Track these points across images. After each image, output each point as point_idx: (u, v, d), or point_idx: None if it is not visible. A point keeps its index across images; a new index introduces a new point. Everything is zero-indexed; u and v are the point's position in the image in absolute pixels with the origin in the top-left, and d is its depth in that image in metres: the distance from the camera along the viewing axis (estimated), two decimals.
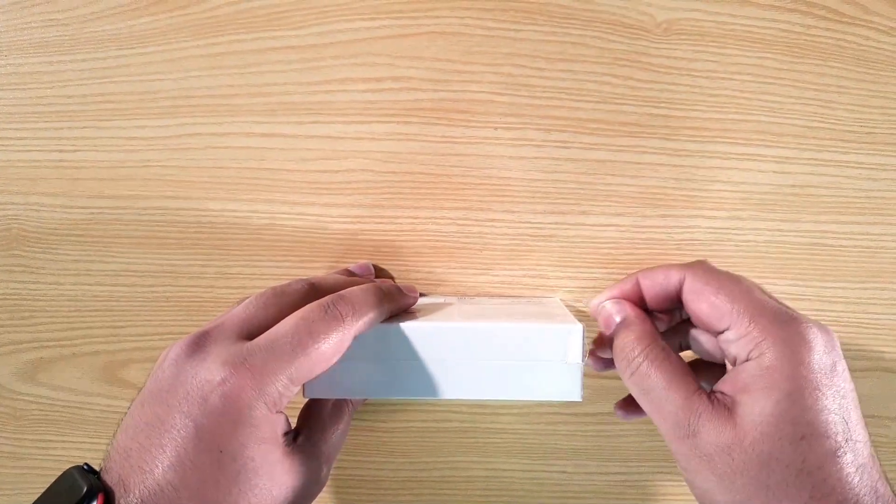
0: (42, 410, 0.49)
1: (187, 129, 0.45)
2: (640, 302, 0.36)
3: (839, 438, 0.27)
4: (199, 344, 0.31)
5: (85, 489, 0.28)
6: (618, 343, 0.33)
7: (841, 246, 0.47)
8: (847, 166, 0.46)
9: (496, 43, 0.44)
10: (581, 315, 0.46)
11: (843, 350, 0.48)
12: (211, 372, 0.29)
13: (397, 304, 0.37)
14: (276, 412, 0.30)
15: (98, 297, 0.48)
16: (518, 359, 0.34)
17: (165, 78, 0.45)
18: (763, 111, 0.46)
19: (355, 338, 0.33)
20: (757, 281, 0.47)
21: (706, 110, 0.45)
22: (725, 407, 0.29)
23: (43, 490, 0.30)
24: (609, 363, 0.38)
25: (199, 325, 0.47)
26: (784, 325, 0.29)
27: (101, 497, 0.28)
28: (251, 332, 0.32)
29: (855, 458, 0.27)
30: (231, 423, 0.28)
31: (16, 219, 0.47)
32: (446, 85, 0.45)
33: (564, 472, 0.49)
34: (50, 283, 0.47)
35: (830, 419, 0.28)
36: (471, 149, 0.45)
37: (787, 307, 0.31)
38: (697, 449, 0.29)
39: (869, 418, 0.49)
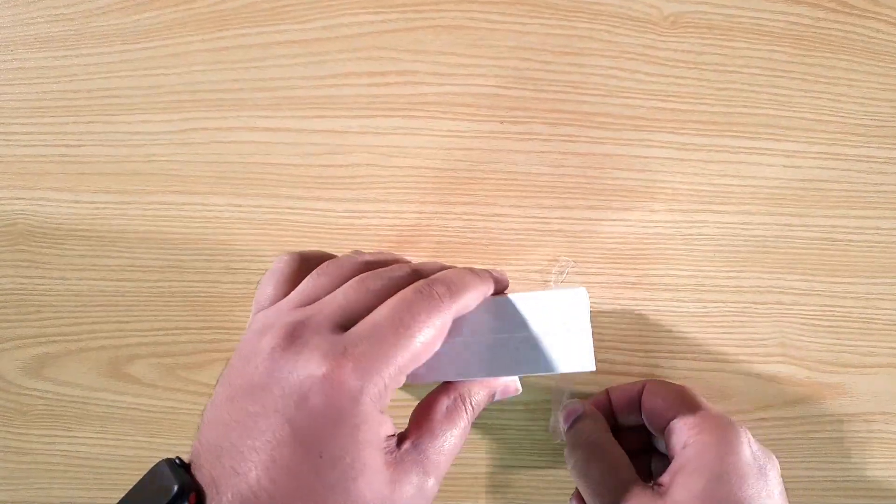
0: (48, 405, 0.49)
1: (192, 124, 0.45)
2: (608, 414, 0.39)
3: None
4: (296, 335, 0.27)
5: (176, 487, 0.26)
6: (568, 435, 0.37)
7: (851, 241, 0.47)
8: (857, 160, 0.46)
9: (502, 36, 0.44)
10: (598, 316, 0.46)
11: (853, 346, 0.48)
12: (310, 367, 0.26)
13: (493, 286, 0.34)
14: (381, 411, 0.27)
15: (104, 292, 0.48)
16: (525, 330, 0.33)
17: (170, 73, 0.45)
18: (772, 105, 0.45)
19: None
20: (766, 276, 0.47)
21: (714, 104, 0.45)
22: (658, 494, 0.31)
23: (46, 483, 0.30)
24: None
25: (204, 320, 0.47)
26: (724, 422, 0.33)
27: (192, 497, 0.26)
28: (350, 320, 0.29)
29: None
30: (332, 424, 0.26)
31: (21, 214, 0.47)
32: (451, 79, 0.45)
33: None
34: (55, 278, 0.47)
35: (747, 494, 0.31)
36: (476, 143, 0.45)
37: (724, 413, 0.36)
38: None
39: (879, 415, 0.49)
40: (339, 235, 0.46)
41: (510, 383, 0.35)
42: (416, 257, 0.46)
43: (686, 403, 0.35)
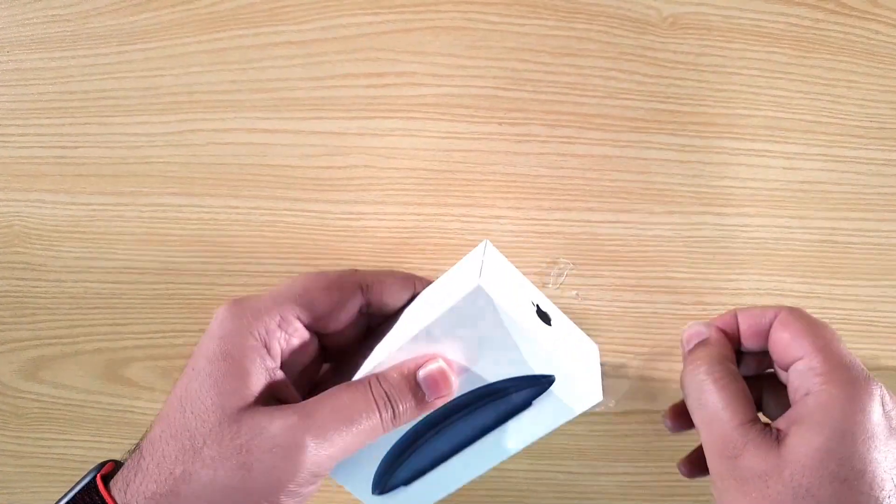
0: (44, 408, 0.49)
1: (189, 126, 0.45)
2: (734, 338, 0.35)
3: (881, 494, 0.26)
4: None
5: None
6: (689, 357, 0.34)
7: (851, 243, 0.46)
8: (857, 162, 0.46)
9: (500, 38, 0.44)
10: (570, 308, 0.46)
11: (854, 348, 0.47)
12: None
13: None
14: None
15: (100, 295, 0.47)
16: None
17: (167, 74, 0.45)
18: (771, 106, 0.45)
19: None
20: (766, 278, 0.47)
21: (713, 105, 0.45)
22: (775, 438, 0.29)
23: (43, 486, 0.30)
24: (683, 425, 0.37)
25: (201, 322, 0.47)
26: (855, 374, 0.29)
27: (109, 465, 0.31)
28: None
29: None
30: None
31: (17, 215, 0.47)
32: (450, 80, 0.44)
33: (570, 472, 0.49)
34: (51, 281, 0.47)
35: (878, 472, 0.27)
36: (475, 144, 0.45)
37: (862, 365, 0.31)
38: (735, 471, 0.29)
39: None
40: (336, 237, 0.46)
41: (437, 376, 0.32)
42: (414, 259, 0.46)
43: (818, 345, 0.30)
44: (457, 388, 0.32)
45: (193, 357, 0.31)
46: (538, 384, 0.32)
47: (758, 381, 0.37)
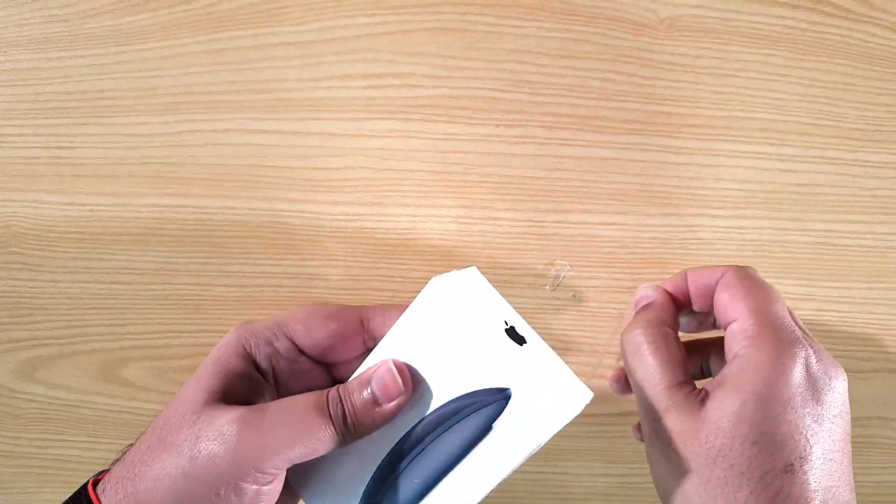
0: (40, 409, 0.49)
1: (187, 126, 0.45)
2: (685, 299, 0.35)
3: (793, 455, 0.26)
4: None
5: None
6: (633, 322, 0.33)
7: (847, 245, 0.46)
8: (853, 164, 0.46)
9: (498, 39, 0.44)
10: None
11: (849, 350, 0.48)
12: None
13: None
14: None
15: (97, 295, 0.47)
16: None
17: (165, 74, 0.45)
18: (768, 109, 0.45)
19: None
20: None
21: (710, 107, 0.45)
22: (699, 400, 0.29)
23: (39, 486, 0.31)
24: (626, 388, 0.37)
25: (198, 323, 0.47)
26: (781, 336, 0.29)
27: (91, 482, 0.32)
28: None
29: (809, 482, 0.26)
30: None
31: (14, 216, 0.46)
32: (447, 81, 0.44)
33: (566, 473, 0.49)
34: (48, 281, 0.47)
35: (792, 434, 0.27)
36: (472, 146, 0.45)
37: (807, 334, 0.30)
38: (659, 433, 0.29)
39: (876, 419, 0.48)
40: (333, 238, 0.46)
41: (386, 377, 0.31)
42: (410, 261, 0.46)
43: (752, 306, 0.30)
44: (410, 391, 0.31)
45: None
46: (498, 398, 0.31)
47: (707, 343, 0.37)
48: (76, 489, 0.31)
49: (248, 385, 0.32)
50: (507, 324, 0.31)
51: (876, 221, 0.46)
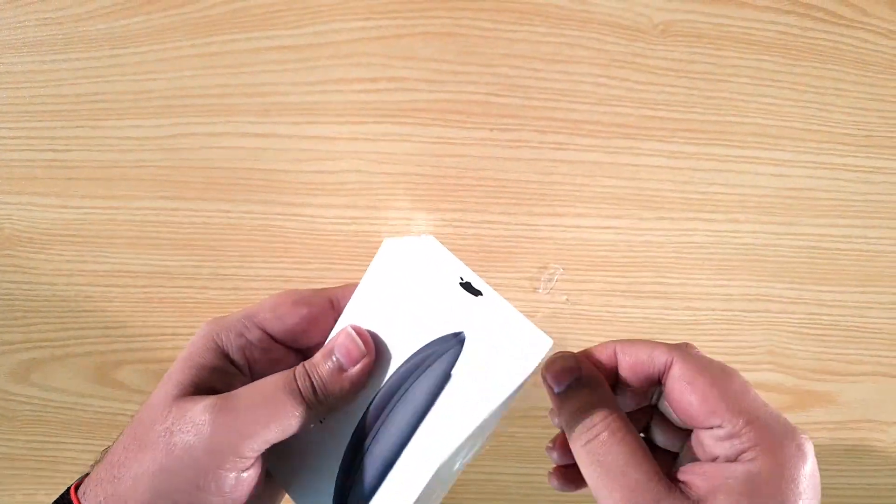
0: (35, 411, 0.49)
1: (181, 129, 0.45)
2: (609, 372, 0.32)
3: None
4: None
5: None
6: (573, 405, 0.29)
7: (839, 249, 0.47)
8: (845, 169, 0.46)
9: (492, 44, 0.44)
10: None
11: (840, 354, 0.48)
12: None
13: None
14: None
15: (91, 298, 0.47)
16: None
17: (159, 77, 0.45)
18: (761, 113, 0.45)
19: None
20: (755, 284, 0.47)
21: (703, 112, 0.45)
22: (689, 498, 0.27)
23: (34, 488, 0.31)
24: (571, 482, 0.33)
25: (192, 326, 0.47)
26: (781, 434, 0.27)
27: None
28: None
29: None
30: None
31: (8, 218, 0.46)
32: (442, 86, 0.45)
33: None
34: (43, 284, 0.47)
35: None
36: (466, 150, 0.45)
37: (780, 414, 0.29)
38: None
39: (866, 423, 0.49)
40: (327, 242, 0.46)
41: (346, 342, 0.31)
42: None
43: (734, 407, 0.28)
44: (373, 352, 0.31)
45: None
46: (452, 343, 0.29)
47: (638, 414, 0.34)
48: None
49: (220, 378, 0.31)
50: (462, 279, 0.30)
51: (868, 226, 0.46)
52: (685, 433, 0.32)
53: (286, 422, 0.29)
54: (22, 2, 0.45)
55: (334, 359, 0.31)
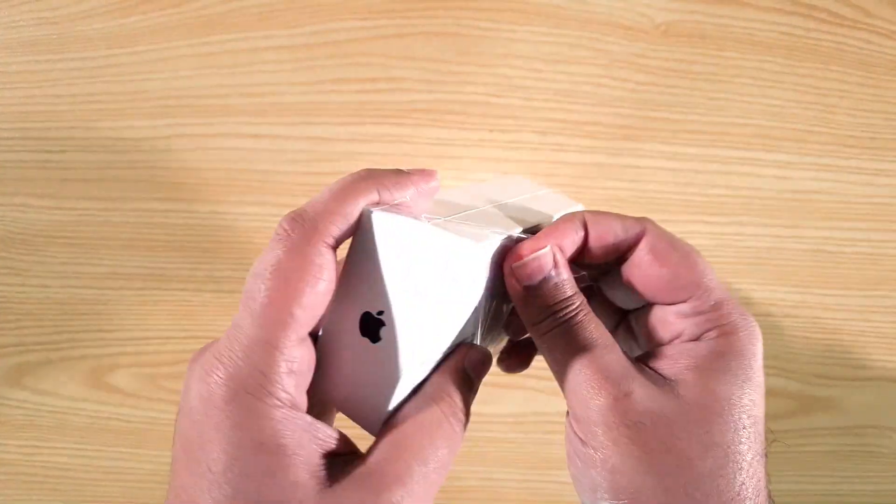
0: (27, 416, 0.48)
1: (177, 130, 0.45)
2: (575, 250, 0.29)
3: (766, 436, 0.26)
4: None
5: None
6: (546, 291, 0.27)
7: (842, 252, 0.46)
8: (848, 171, 0.45)
9: (491, 44, 0.44)
10: None
11: (844, 358, 0.47)
12: None
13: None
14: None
15: (85, 300, 0.47)
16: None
17: (155, 77, 0.44)
18: (763, 115, 0.45)
19: None
20: (758, 287, 0.47)
21: (706, 113, 0.45)
22: (663, 377, 0.26)
23: (26, 493, 0.28)
24: (516, 362, 0.33)
25: (187, 329, 0.46)
26: (739, 316, 0.27)
27: None
28: None
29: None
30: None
31: (2, 220, 0.46)
32: (441, 86, 0.44)
33: (560, 482, 0.48)
34: (36, 286, 0.47)
35: (762, 415, 0.26)
36: (466, 151, 0.45)
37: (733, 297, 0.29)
38: (626, 415, 0.25)
39: (870, 428, 0.48)
40: None
41: (474, 358, 0.27)
42: None
43: (703, 284, 0.27)
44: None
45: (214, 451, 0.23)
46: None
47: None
48: None
49: (318, 447, 0.24)
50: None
51: (872, 229, 0.46)
52: (619, 316, 0.32)
53: (454, 442, 0.26)
54: (17, 1, 0.44)
55: (471, 380, 0.27)
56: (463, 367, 0.27)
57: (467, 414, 0.26)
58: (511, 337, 0.32)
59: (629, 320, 0.32)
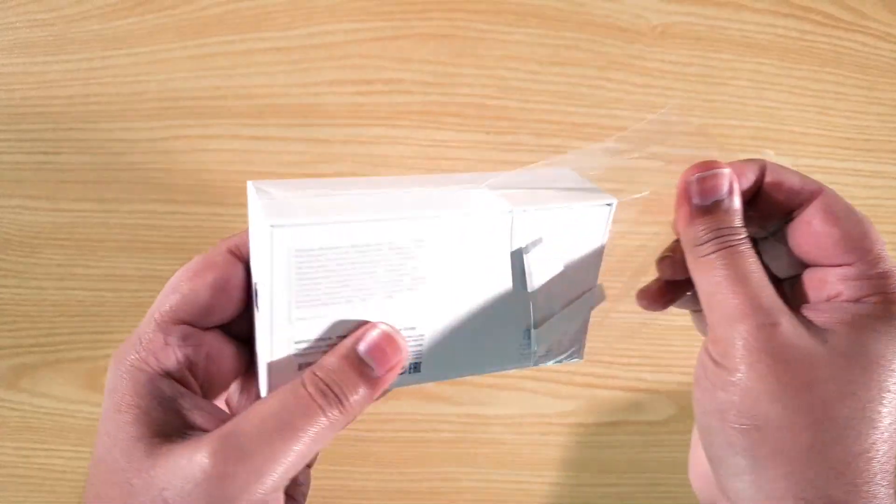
0: (23, 418, 0.48)
1: (174, 132, 0.45)
2: (750, 190, 0.30)
3: None
4: None
5: None
6: (723, 208, 0.28)
7: None
8: (844, 173, 0.46)
9: (488, 45, 0.44)
10: None
11: None
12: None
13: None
14: None
15: (82, 303, 0.47)
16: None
17: (152, 79, 0.44)
18: (759, 117, 0.45)
19: None
20: None
21: (701, 116, 0.45)
22: (814, 325, 0.26)
23: (23, 496, 0.28)
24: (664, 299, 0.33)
25: None
26: None
27: None
28: None
29: None
30: None
31: None
32: (437, 88, 0.44)
33: (555, 483, 0.48)
34: (33, 288, 0.47)
35: None
36: (462, 153, 0.45)
37: None
38: (770, 341, 0.24)
39: None
40: None
41: (374, 337, 0.26)
42: None
43: (875, 248, 0.27)
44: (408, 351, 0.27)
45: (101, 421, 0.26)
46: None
47: None
48: None
49: (177, 410, 0.26)
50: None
51: None
52: (774, 284, 0.30)
53: (315, 452, 0.25)
54: (13, 3, 0.44)
55: (368, 369, 0.26)
56: (354, 349, 0.26)
57: (342, 402, 0.25)
58: (662, 275, 0.33)
59: (783, 288, 0.31)
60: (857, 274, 0.27)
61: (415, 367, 0.29)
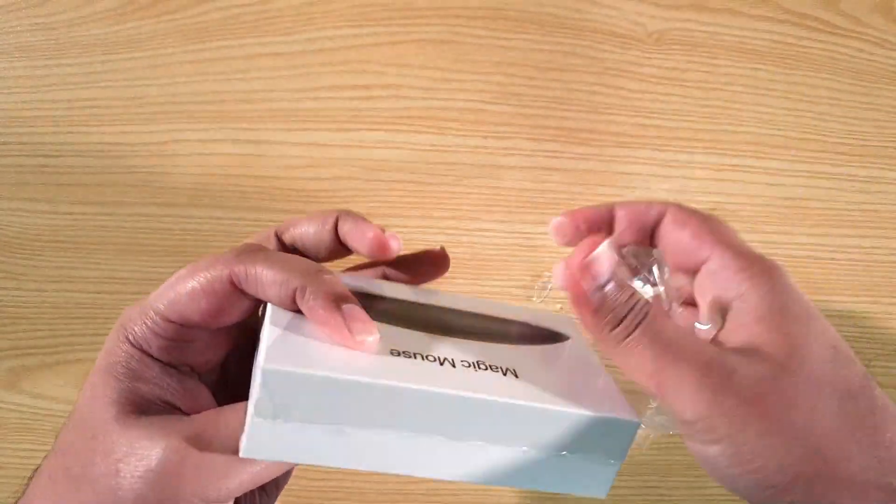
0: (23, 419, 0.48)
1: (173, 136, 0.45)
2: (606, 233, 0.31)
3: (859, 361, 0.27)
4: None
5: None
6: (615, 296, 0.26)
7: (833, 259, 0.47)
8: (839, 179, 0.46)
9: (486, 52, 0.44)
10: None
11: None
12: None
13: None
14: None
15: (81, 305, 0.47)
16: (541, 446, 0.25)
17: (152, 84, 0.45)
18: (755, 123, 0.45)
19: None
20: None
21: (697, 121, 0.45)
22: (738, 348, 0.25)
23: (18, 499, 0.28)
24: None
25: None
26: (761, 258, 0.27)
27: None
28: None
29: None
30: None
31: None
32: (435, 93, 0.44)
33: None
34: (32, 290, 0.47)
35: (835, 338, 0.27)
36: (460, 157, 0.45)
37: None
38: (739, 393, 0.24)
39: None
40: None
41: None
42: None
43: (723, 238, 0.28)
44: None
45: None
46: None
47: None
48: None
49: (158, 384, 0.26)
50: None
51: (862, 235, 0.46)
52: None
53: (268, 473, 0.25)
54: (14, 6, 0.44)
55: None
56: None
57: None
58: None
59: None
60: (719, 266, 0.27)
61: None
